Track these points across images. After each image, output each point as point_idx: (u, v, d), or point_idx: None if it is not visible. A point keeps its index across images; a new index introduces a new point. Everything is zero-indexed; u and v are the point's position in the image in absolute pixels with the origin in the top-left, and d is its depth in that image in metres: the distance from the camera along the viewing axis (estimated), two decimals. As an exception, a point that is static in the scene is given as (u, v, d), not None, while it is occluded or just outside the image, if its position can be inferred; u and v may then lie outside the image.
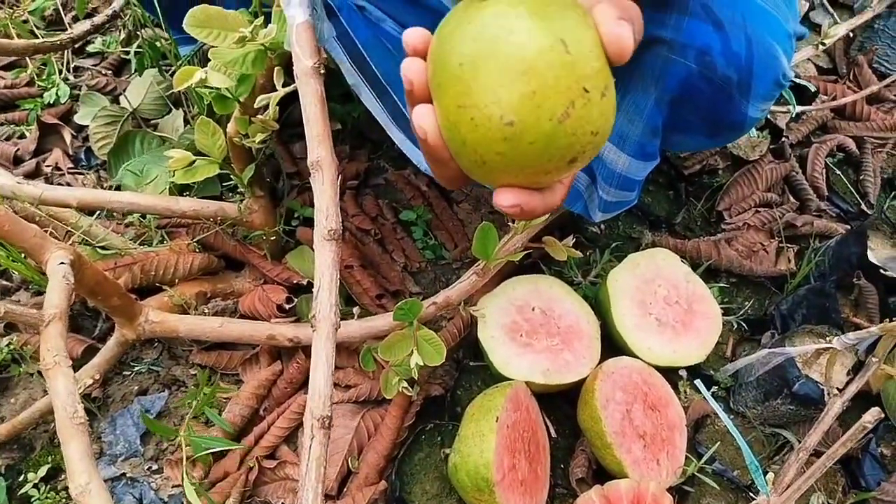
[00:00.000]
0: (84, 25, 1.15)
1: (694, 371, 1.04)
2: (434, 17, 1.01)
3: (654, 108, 0.75)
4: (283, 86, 0.78)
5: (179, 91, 0.96)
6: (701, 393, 0.99)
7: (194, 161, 0.95)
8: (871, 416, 0.78)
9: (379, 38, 0.92)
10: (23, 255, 1.00)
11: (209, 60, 0.82)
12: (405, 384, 0.88)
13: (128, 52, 1.43)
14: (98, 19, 1.16)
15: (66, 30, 1.48)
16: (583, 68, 0.39)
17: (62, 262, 0.79)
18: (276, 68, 0.79)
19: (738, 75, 0.69)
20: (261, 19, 0.76)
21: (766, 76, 0.70)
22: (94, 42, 1.46)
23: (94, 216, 1.11)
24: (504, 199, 0.44)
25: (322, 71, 0.73)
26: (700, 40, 0.68)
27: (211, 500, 0.89)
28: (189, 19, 0.74)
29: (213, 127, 0.95)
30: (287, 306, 0.99)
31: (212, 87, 0.86)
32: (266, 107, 0.85)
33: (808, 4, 1.18)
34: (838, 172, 1.29)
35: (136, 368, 1.05)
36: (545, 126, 0.39)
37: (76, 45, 1.27)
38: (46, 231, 1.12)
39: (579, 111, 0.39)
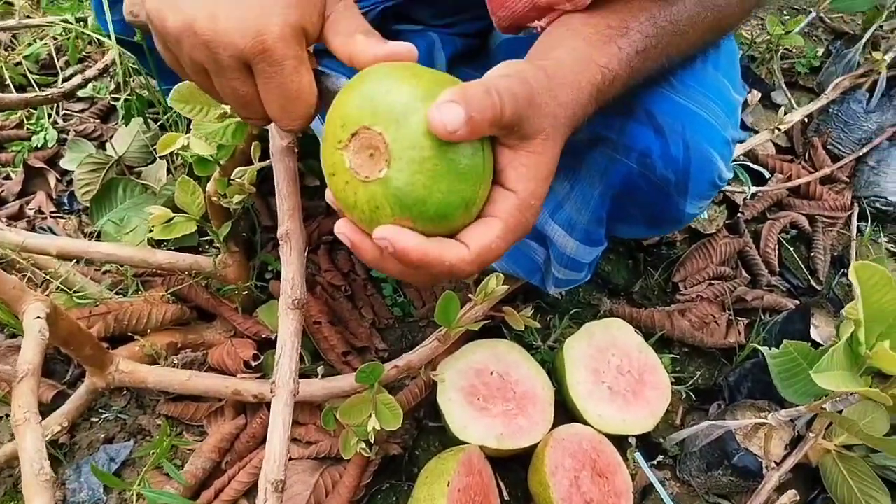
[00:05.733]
0: (76, 80, 1.19)
1: (644, 439, 1.08)
2: None
3: (599, 201, 0.81)
4: (260, 158, 0.83)
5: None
6: (648, 461, 1.03)
7: (173, 217, 0.99)
8: (788, 497, 0.82)
9: None
10: (-1, 301, 1.03)
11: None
12: (363, 445, 0.92)
13: (117, 99, 1.48)
14: (90, 73, 1.21)
15: (58, 73, 1.54)
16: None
17: (38, 317, 0.82)
18: (253, 143, 0.84)
19: (676, 177, 0.75)
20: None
21: (702, 178, 0.76)
22: (84, 87, 1.51)
23: (73, 262, 1.14)
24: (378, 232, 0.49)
25: (296, 149, 0.78)
26: (641, 143, 0.74)
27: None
28: (174, 94, 0.79)
29: (193, 186, 1.00)
30: (254, 363, 1.02)
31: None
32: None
33: (759, 95, 1.25)
34: (790, 249, 1.36)
35: (104, 416, 1.07)
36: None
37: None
38: (25, 276, 1.15)
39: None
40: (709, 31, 0.68)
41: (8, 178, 1.38)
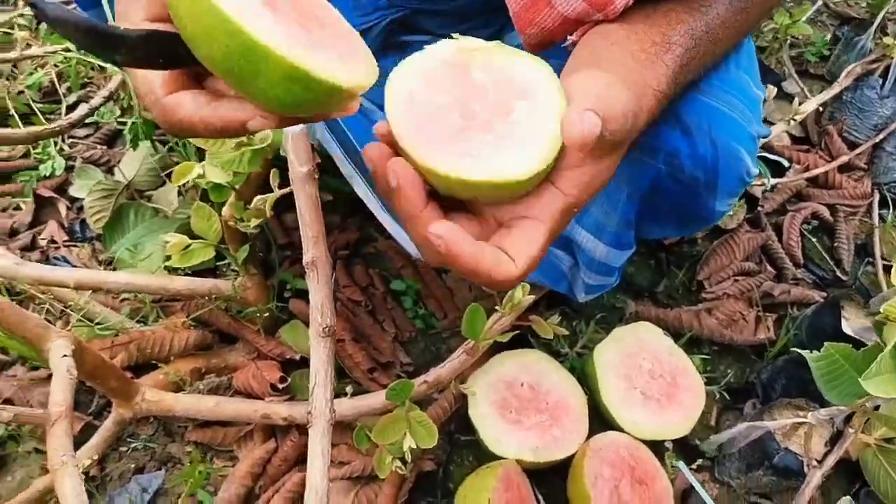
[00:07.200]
0: (81, 109, 1.18)
1: (680, 442, 1.06)
2: None
3: (627, 203, 0.79)
4: (279, 186, 0.82)
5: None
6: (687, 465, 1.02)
7: (190, 244, 0.98)
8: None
9: (369, 128, 0.96)
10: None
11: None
12: (398, 463, 0.90)
13: (123, 124, 1.46)
14: (95, 101, 1.20)
15: (62, 100, 1.52)
16: None
17: (65, 355, 0.81)
18: (272, 170, 0.82)
19: (705, 176, 0.74)
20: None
21: (730, 175, 0.75)
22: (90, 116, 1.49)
23: (90, 291, 1.13)
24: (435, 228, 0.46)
25: (315, 176, 0.77)
26: (669, 144, 0.73)
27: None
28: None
29: (209, 211, 0.99)
30: (280, 385, 1.01)
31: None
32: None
33: (776, 89, 1.24)
34: (813, 240, 1.34)
35: (133, 445, 1.06)
36: None
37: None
38: (44, 307, 1.14)
39: None
40: (738, 34, 0.67)
41: (18, 208, 1.37)
